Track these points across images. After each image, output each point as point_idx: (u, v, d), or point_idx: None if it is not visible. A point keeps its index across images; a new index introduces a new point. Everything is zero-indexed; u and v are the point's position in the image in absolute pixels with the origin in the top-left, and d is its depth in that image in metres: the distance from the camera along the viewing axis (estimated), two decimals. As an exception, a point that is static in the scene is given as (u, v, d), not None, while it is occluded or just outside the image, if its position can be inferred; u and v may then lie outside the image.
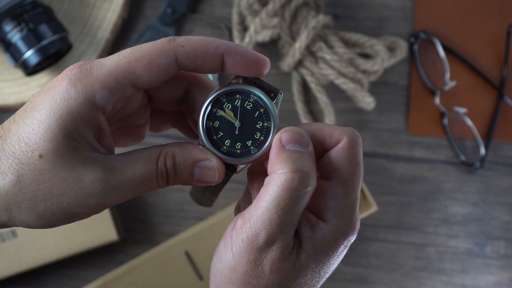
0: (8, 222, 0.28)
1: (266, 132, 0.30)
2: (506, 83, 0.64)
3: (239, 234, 0.28)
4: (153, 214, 0.61)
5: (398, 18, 0.65)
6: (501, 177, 0.62)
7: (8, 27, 0.57)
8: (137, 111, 0.32)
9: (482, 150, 0.61)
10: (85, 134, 0.27)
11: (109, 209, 0.57)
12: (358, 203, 0.30)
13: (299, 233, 0.29)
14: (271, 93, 0.30)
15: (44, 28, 0.57)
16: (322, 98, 0.60)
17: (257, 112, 0.30)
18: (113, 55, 0.28)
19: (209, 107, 0.30)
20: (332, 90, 0.62)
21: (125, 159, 0.28)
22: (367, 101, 0.59)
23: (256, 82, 0.30)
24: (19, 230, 0.56)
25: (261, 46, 0.64)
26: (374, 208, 0.57)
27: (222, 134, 0.30)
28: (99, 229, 0.56)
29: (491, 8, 0.65)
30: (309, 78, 0.60)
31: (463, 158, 0.62)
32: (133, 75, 0.27)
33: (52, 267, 0.58)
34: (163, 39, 0.28)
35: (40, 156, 0.26)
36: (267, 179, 0.28)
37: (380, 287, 0.61)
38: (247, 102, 0.30)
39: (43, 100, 0.27)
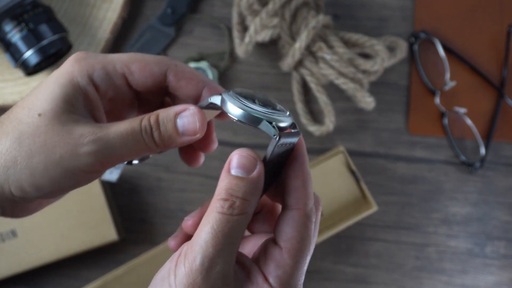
0: (3, 185, 0.29)
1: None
2: (506, 83, 0.64)
3: (182, 258, 0.28)
4: (153, 214, 0.61)
5: (398, 18, 0.65)
6: (501, 177, 0.62)
7: (8, 27, 0.57)
8: (125, 107, 0.35)
9: (482, 150, 0.61)
10: (82, 104, 0.30)
11: (109, 209, 0.57)
12: (302, 278, 0.30)
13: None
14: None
15: (44, 28, 0.57)
16: (322, 98, 0.60)
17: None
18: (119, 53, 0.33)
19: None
20: (332, 90, 0.62)
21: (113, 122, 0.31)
22: (367, 101, 0.59)
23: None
24: (19, 230, 0.56)
25: (261, 46, 0.64)
26: (374, 208, 0.57)
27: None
28: (99, 229, 0.56)
29: (491, 8, 0.65)
30: (309, 78, 0.60)
31: (463, 158, 0.62)
32: (128, 70, 0.32)
33: (52, 267, 0.58)
34: (164, 56, 0.32)
35: (39, 114, 0.29)
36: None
37: (380, 287, 0.61)
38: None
39: (51, 75, 0.31)
